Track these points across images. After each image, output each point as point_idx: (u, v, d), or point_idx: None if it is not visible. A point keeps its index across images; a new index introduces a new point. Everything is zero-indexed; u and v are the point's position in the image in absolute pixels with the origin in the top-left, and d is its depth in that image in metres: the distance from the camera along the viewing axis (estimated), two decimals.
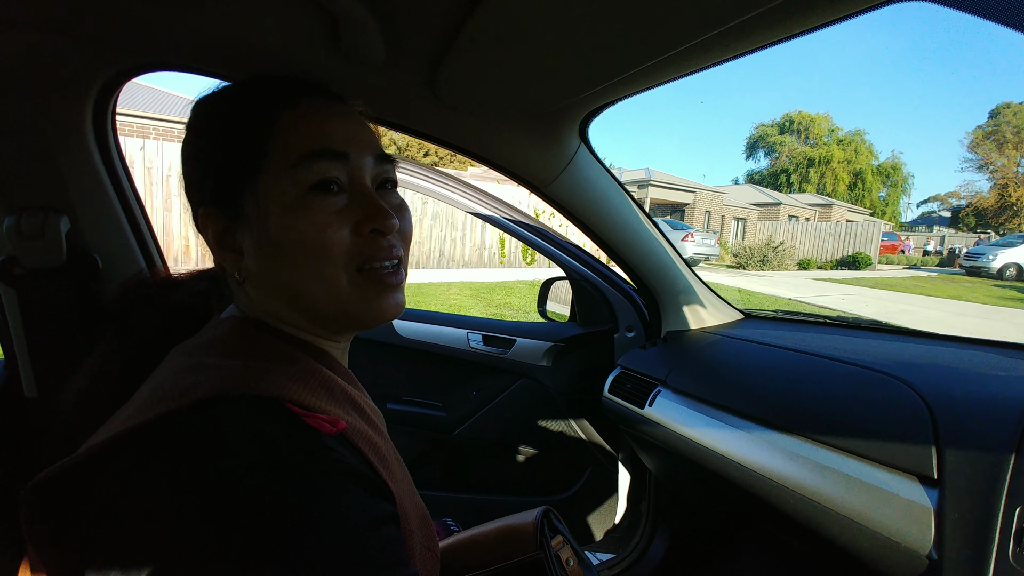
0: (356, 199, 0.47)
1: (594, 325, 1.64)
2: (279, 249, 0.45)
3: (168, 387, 0.38)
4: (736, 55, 0.65)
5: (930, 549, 0.68)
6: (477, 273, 9.92)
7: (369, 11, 0.60)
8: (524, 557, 0.67)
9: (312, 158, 0.45)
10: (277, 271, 0.46)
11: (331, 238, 0.45)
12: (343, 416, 0.43)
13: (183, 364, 0.42)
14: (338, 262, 0.45)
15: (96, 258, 0.80)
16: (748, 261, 15.11)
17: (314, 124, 0.47)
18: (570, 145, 1.01)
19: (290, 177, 0.44)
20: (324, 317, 0.48)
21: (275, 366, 0.43)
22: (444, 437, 1.62)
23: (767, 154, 41.28)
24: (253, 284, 0.48)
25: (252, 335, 0.46)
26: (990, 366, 0.89)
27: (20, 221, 0.72)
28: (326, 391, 0.44)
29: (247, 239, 0.47)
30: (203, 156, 0.49)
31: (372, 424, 0.48)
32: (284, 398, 0.39)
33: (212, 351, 0.43)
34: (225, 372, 0.39)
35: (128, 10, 0.62)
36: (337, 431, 0.39)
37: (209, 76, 0.75)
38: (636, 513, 1.57)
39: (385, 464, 0.44)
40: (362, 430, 0.44)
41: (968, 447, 0.70)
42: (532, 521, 0.70)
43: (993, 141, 35.08)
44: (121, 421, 0.37)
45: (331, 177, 0.46)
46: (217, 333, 0.47)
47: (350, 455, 0.39)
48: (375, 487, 0.40)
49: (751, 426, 0.96)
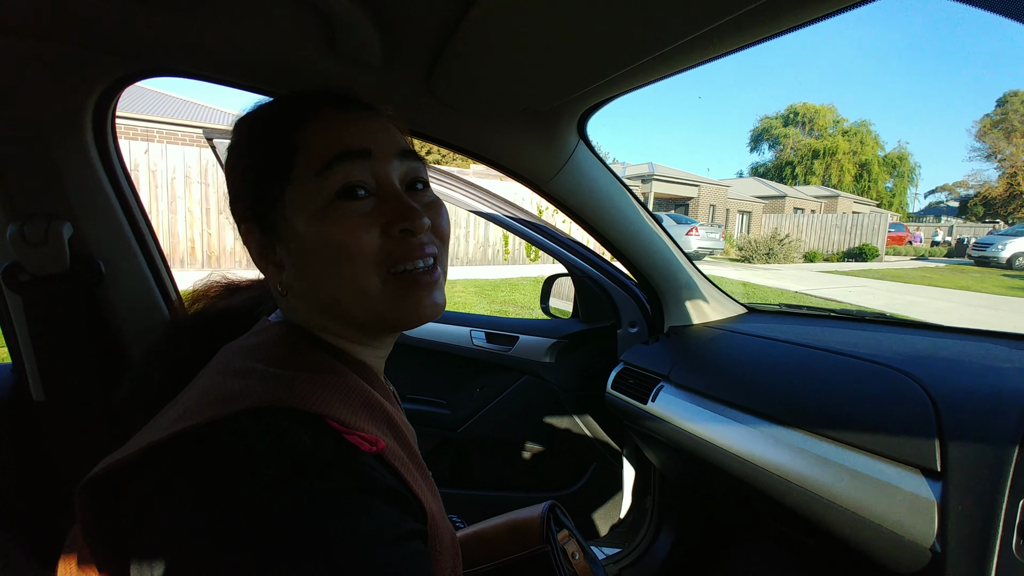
0: (384, 201, 0.47)
1: (597, 321, 1.64)
2: (311, 258, 0.46)
3: (218, 390, 0.39)
4: (734, 49, 0.64)
5: (933, 542, 0.68)
6: (481, 270, 9.93)
7: (364, 14, 0.61)
8: (530, 551, 0.68)
9: (334, 162, 0.45)
10: (312, 281, 0.47)
11: (360, 241, 0.45)
12: (381, 435, 0.43)
13: (233, 367, 0.43)
14: (369, 265, 0.45)
15: (99, 263, 0.81)
16: (753, 254, 15.02)
17: (335, 130, 0.47)
18: (569, 142, 1.01)
19: (316, 185, 0.45)
20: (360, 323, 0.48)
21: (320, 380, 0.43)
22: (449, 435, 1.63)
23: (771, 146, 41.03)
24: (294, 296, 0.49)
25: (298, 344, 0.47)
26: (994, 358, 0.88)
27: (23, 228, 0.73)
28: (366, 409, 0.45)
29: (284, 253, 0.48)
30: (238, 174, 0.51)
31: (405, 443, 0.48)
32: (327, 415, 0.39)
33: (260, 356, 0.44)
34: (272, 382, 0.40)
35: (126, 17, 0.63)
36: (376, 451, 0.40)
37: (207, 81, 0.76)
38: (641, 508, 1.57)
39: (419, 485, 0.44)
40: (397, 451, 0.44)
41: (971, 440, 0.70)
42: (538, 515, 0.71)
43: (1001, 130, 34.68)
44: (171, 421, 0.38)
45: (356, 181, 0.46)
46: (265, 338, 0.48)
47: (386, 473, 0.40)
48: (408, 506, 0.40)
49: (753, 420, 0.96)
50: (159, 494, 0.35)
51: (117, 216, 0.84)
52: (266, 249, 0.49)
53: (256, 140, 0.50)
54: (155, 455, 0.36)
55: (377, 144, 0.48)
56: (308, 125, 0.47)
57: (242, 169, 0.50)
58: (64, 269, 0.76)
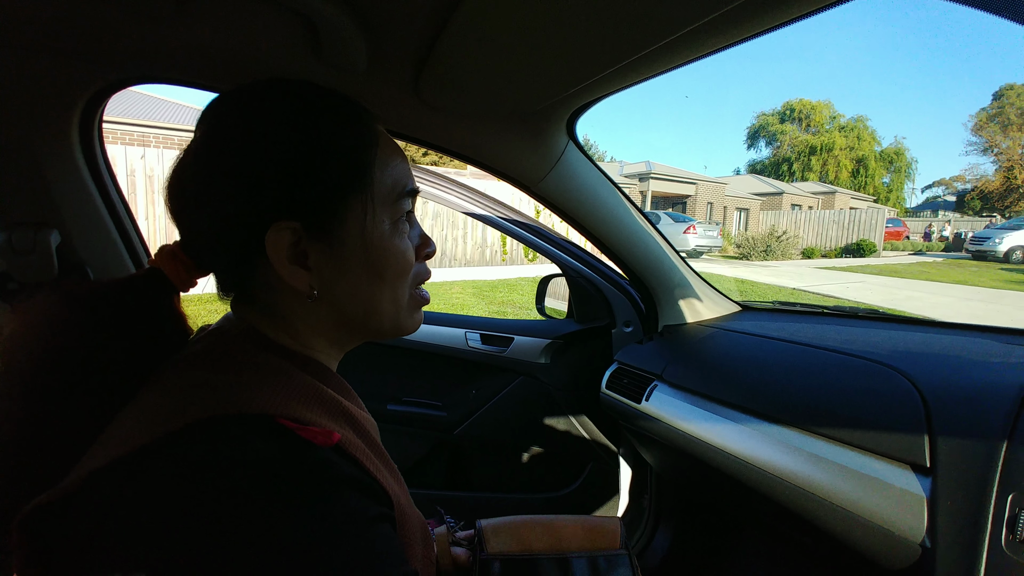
0: (413, 228, 0.55)
1: (591, 321, 1.64)
2: (372, 270, 0.49)
3: (160, 407, 0.38)
4: (724, 46, 0.63)
5: (923, 537, 0.68)
6: (479, 271, 9.93)
7: (349, 19, 0.60)
8: (616, 551, 0.76)
9: (408, 195, 0.52)
10: (355, 290, 0.49)
11: (410, 261, 0.52)
12: (337, 429, 0.42)
13: (174, 380, 0.42)
14: (408, 282, 0.53)
15: (88, 270, 0.81)
16: (751, 251, 15.03)
17: (401, 160, 0.53)
18: (558, 143, 1.01)
19: (390, 206, 0.50)
20: (376, 330, 0.53)
21: (266, 380, 0.43)
22: (444, 437, 1.63)
23: (768, 143, 41.06)
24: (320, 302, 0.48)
25: (242, 348, 0.46)
26: (984, 353, 0.88)
27: (11, 237, 0.73)
28: (319, 404, 0.44)
29: (322, 256, 0.47)
30: (292, 167, 0.44)
31: (365, 434, 0.48)
32: (277, 414, 0.39)
33: (203, 365, 0.43)
34: (216, 390, 0.39)
35: (110, 25, 0.63)
36: (332, 443, 0.39)
37: (192, 87, 0.76)
38: (638, 508, 1.57)
39: (382, 474, 0.44)
40: (356, 443, 0.44)
41: (961, 435, 0.70)
42: (616, 525, 0.79)
43: (997, 123, 34.77)
44: (114, 444, 0.36)
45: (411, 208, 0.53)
46: (206, 345, 0.46)
47: (346, 464, 0.40)
48: (372, 492, 0.40)
49: (745, 418, 0.96)
50: (108, 523, 0.32)
51: (105, 223, 0.84)
52: (299, 251, 0.46)
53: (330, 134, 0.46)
54: (102, 479, 0.34)
55: None
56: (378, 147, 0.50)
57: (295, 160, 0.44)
58: (52, 277, 0.76)
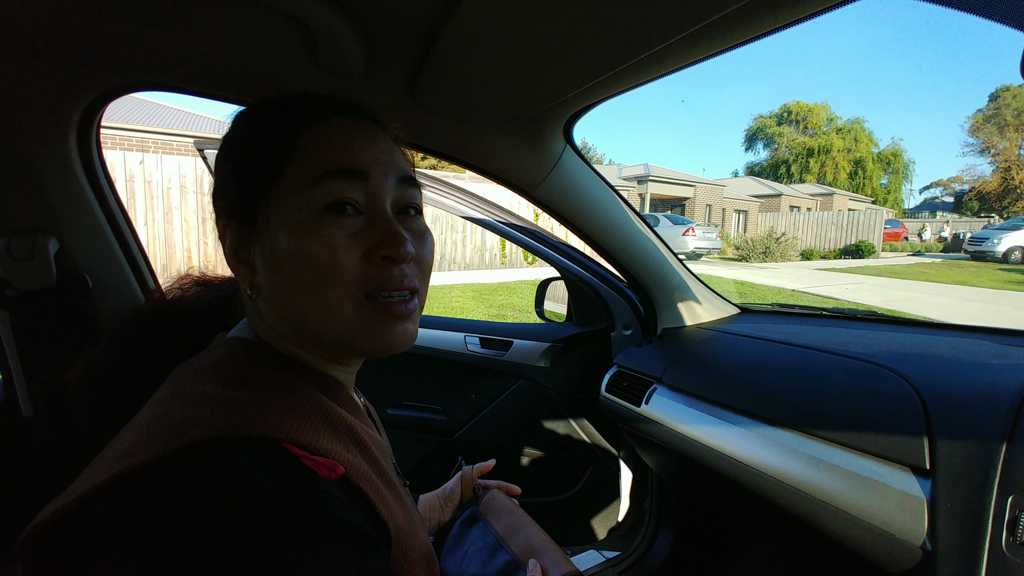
0: (372, 222, 0.45)
1: (591, 324, 1.64)
2: (286, 268, 0.44)
3: (165, 420, 0.37)
4: (722, 50, 0.64)
5: (924, 540, 0.68)
6: (479, 275, 9.92)
7: (345, 24, 0.61)
8: None
9: (330, 177, 0.44)
10: (283, 290, 0.45)
11: (340, 262, 0.43)
12: (344, 454, 0.41)
13: (183, 392, 0.41)
14: (344, 287, 0.43)
15: (86, 277, 0.81)
16: (750, 253, 15.04)
17: (336, 143, 0.45)
18: (555, 148, 1.02)
19: (306, 194, 0.43)
20: (326, 343, 0.47)
21: (277, 400, 0.41)
22: (444, 441, 1.63)
23: (766, 145, 41.14)
24: (263, 300, 0.47)
25: (255, 360, 0.45)
26: (983, 354, 0.88)
27: (9, 243, 0.73)
28: (328, 426, 0.43)
29: (259, 254, 0.46)
30: (227, 167, 0.48)
31: (372, 459, 0.46)
32: (284, 438, 0.37)
33: (213, 377, 0.42)
34: (224, 407, 0.38)
35: (109, 32, 0.63)
36: (336, 477, 0.38)
37: (190, 94, 0.76)
38: (639, 510, 1.57)
39: (385, 503, 0.42)
40: (363, 470, 0.42)
41: (960, 437, 0.70)
42: None
43: (994, 124, 34.85)
44: (116, 457, 0.35)
45: (347, 198, 0.44)
46: (219, 355, 0.45)
47: (347, 499, 0.38)
48: (369, 539, 0.38)
49: (744, 421, 0.96)
50: (101, 544, 0.32)
51: (103, 229, 0.84)
52: (241, 248, 0.47)
53: (253, 133, 0.47)
54: (98, 499, 0.34)
55: (378, 164, 0.46)
56: (311, 130, 0.45)
57: (233, 161, 0.48)
58: (51, 284, 0.76)
